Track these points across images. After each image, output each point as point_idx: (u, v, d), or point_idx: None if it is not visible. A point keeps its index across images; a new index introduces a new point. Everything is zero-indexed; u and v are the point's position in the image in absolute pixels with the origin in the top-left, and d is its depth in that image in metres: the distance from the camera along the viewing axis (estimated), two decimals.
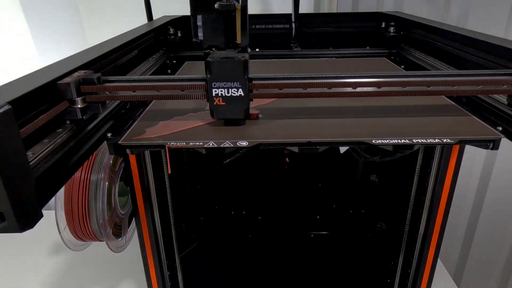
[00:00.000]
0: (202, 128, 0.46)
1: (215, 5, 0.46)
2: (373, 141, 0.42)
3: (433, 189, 0.58)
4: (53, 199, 0.42)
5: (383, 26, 0.92)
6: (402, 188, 0.65)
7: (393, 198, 0.74)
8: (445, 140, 0.42)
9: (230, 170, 0.89)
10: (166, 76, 0.46)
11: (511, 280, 1.45)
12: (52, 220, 0.55)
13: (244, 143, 0.42)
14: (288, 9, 0.92)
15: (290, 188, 0.91)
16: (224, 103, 0.44)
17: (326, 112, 0.51)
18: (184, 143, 0.42)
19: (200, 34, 0.48)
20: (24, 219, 0.29)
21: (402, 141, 0.42)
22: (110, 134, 0.44)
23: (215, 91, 0.43)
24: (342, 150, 0.79)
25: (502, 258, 1.43)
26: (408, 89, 0.45)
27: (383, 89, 0.45)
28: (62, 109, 0.39)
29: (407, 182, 0.63)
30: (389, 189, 0.77)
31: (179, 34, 0.91)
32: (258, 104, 0.52)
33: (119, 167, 0.59)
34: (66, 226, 0.57)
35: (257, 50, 0.91)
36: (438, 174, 0.56)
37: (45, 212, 0.32)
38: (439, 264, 0.74)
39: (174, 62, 0.83)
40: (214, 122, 0.47)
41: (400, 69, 0.75)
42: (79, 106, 0.40)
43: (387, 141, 0.42)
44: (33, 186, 0.30)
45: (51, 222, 0.55)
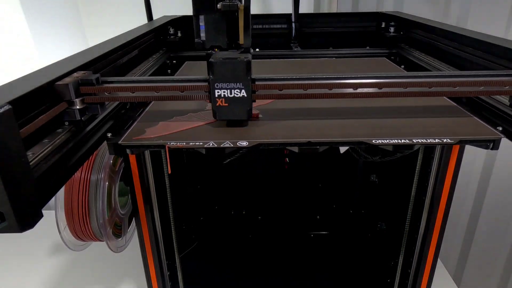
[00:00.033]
0: (202, 128, 0.46)
1: (218, 5, 0.45)
2: (373, 141, 0.42)
3: (433, 189, 0.58)
4: (53, 199, 0.42)
5: (383, 26, 0.92)
6: (402, 188, 0.65)
7: (393, 198, 0.74)
8: (445, 140, 0.42)
9: (230, 170, 0.89)
10: (167, 77, 0.46)
11: (511, 280, 1.45)
12: (52, 220, 0.55)
13: (244, 143, 0.42)
14: (288, 9, 0.92)
15: (290, 188, 0.91)
16: (226, 104, 0.43)
17: (326, 112, 0.51)
18: (184, 143, 0.42)
19: (202, 35, 0.47)
20: (24, 219, 0.29)
21: (402, 141, 0.42)
22: (110, 134, 0.44)
23: (218, 92, 0.43)
24: (342, 150, 0.79)
25: (502, 258, 1.43)
26: (409, 90, 0.44)
27: (384, 90, 0.44)
28: (61, 110, 0.38)
29: (407, 182, 0.63)
30: (389, 189, 0.77)
31: (179, 34, 0.91)
32: (258, 104, 0.52)
33: (119, 167, 0.59)
34: (66, 226, 0.57)
35: (257, 50, 0.91)
36: (438, 174, 0.56)
37: (45, 212, 0.32)
38: (439, 264, 0.74)
39: (174, 62, 0.83)
40: (214, 122, 0.47)
41: (400, 69, 0.75)
42: (78, 107, 0.40)
43: (387, 141, 0.42)
44: (33, 186, 0.30)
45: (51, 222, 0.55)
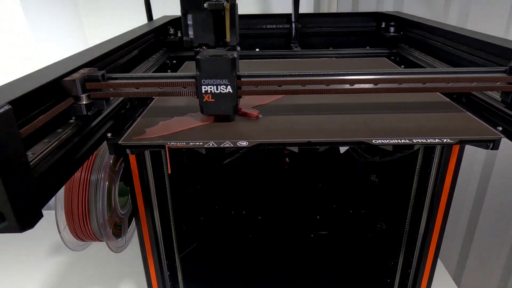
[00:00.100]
0: (202, 128, 0.46)
1: (205, 4, 0.47)
2: (373, 141, 0.42)
3: (433, 189, 0.58)
4: (53, 199, 0.42)
5: (383, 26, 0.92)
6: (402, 188, 0.65)
7: (393, 198, 0.74)
8: (445, 140, 0.42)
9: (230, 170, 0.89)
10: (164, 73, 0.47)
11: (511, 280, 1.45)
12: (52, 220, 0.55)
13: (244, 143, 0.42)
14: (288, 9, 0.92)
15: (290, 188, 0.91)
16: (213, 100, 0.44)
17: (326, 112, 0.51)
18: (184, 143, 0.42)
19: (190, 33, 0.49)
20: (24, 219, 0.29)
21: (402, 141, 0.42)
22: (110, 134, 0.44)
23: (205, 88, 0.44)
24: (342, 150, 0.79)
25: (502, 258, 1.43)
26: (404, 85, 0.45)
27: (380, 86, 0.45)
28: (68, 105, 0.40)
29: (407, 182, 0.63)
30: (389, 189, 0.77)
31: (179, 34, 0.91)
32: (258, 104, 0.52)
33: (119, 167, 0.59)
34: (66, 226, 0.57)
35: (257, 50, 0.91)
36: (438, 174, 0.56)
37: (45, 212, 0.32)
38: (439, 264, 0.74)
39: (174, 62, 0.83)
40: (214, 122, 0.47)
41: (399, 68, 0.74)
42: (84, 102, 0.41)
43: (387, 141, 0.42)
44: (33, 186, 0.30)
45: (51, 222, 0.55)
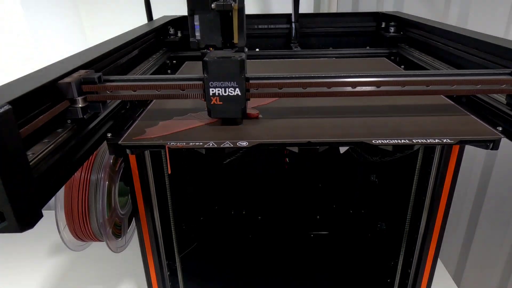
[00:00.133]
0: (202, 128, 0.46)
1: (212, 5, 0.46)
2: (373, 141, 0.42)
3: (433, 189, 0.58)
4: (53, 199, 0.42)
5: (383, 26, 0.92)
6: (402, 188, 0.65)
7: (393, 198, 0.74)
8: (445, 140, 0.42)
9: (230, 170, 0.89)
10: (165, 75, 0.46)
11: (511, 280, 1.45)
12: (52, 220, 0.55)
13: (244, 143, 0.42)
14: (288, 9, 0.92)
15: (290, 188, 0.91)
16: (221, 103, 0.44)
17: (326, 112, 0.51)
18: (184, 143, 0.42)
19: (197, 34, 0.48)
20: (24, 219, 0.29)
21: (402, 141, 0.42)
22: (110, 134, 0.44)
23: (212, 91, 0.43)
24: (342, 150, 0.79)
25: (502, 258, 1.43)
26: (407, 88, 0.44)
27: (383, 88, 0.45)
28: (63, 108, 0.39)
29: (407, 182, 0.63)
30: (389, 189, 0.77)
31: (179, 34, 0.91)
32: (258, 104, 0.52)
33: (119, 167, 0.59)
34: (66, 226, 0.57)
35: (257, 50, 0.91)
36: (438, 174, 0.56)
37: (45, 212, 0.32)
38: (439, 264, 0.74)
39: (174, 62, 0.83)
40: (214, 122, 0.47)
41: (400, 69, 0.74)
42: (80, 105, 0.40)
43: (387, 141, 0.42)
44: (33, 186, 0.30)
45: (51, 222, 0.55)
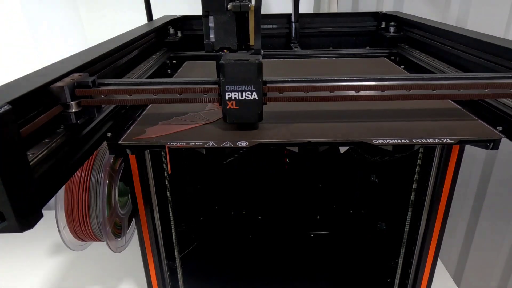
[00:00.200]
0: (202, 128, 0.46)
1: (228, 5, 0.44)
2: (373, 141, 0.42)
3: (433, 189, 0.58)
4: (53, 199, 0.42)
5: (383, 26, 0.92)
6: (402, 188, 0.65)
7: (393, 198, 0.74)
8: (445, 140, 0.42)
9: (230, 170, 0.89)
10: (173, 79, 0.44)
11: (511, 280, 1.45)
12: (52, 220, 0.55)
13: (244, 143, 0.42)
14: (288, 9, 0.92)
15: (290, 188, 0.91)
16: (237, 107, 0.42)
17: (328, 114, 0.50)
18: (184, 143, 0.42)
19: (212, 36, 0.46)
20: (24, 219, 0.29)
21: (402, 141, 0.42)
22: (110, 134, 0.44)
23: (228, 95, 0.41)
24: (342, 150, 0.79)
25: (502, 258, 1.43)
26: (412, 92, 0.43)
27: (387, 92, 0.43)
28: (56, 113, 0.37)
29: (407, 182, 0.63)
30: (389, 189, 0.77)
31: (179, 34, 0.91)
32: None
33: (120, 166, 0.59)
34: (66, 225, 0.57)
35: None
36: (438, 174, 0.56)
37: (45, 212, 0.32)
38: (439, 264, 0.74)
39: (174, 62, 0.83)
40: (214, 122, 0.47)
41: (400, 69, 0.74)
42: (74, 110, 0.39)
43: (387, 141, 0.41)
44: (33, 186, 0.30)
45: (51, 222, 0.55)
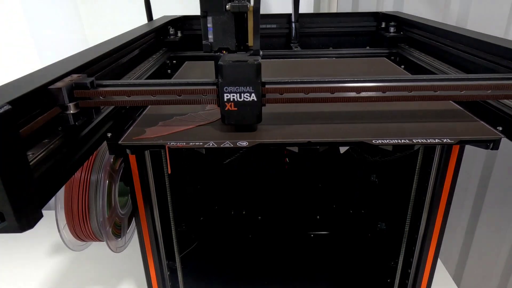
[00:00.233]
0: (202, 128, 0.46)
1: (227, 6, 0.44)
2: (373, 141, 0.42)
3: (433, 189, 0.58)
4: (53, 199, 0.42)
5: (383, 26, 0.92)
6: (402, 188, 0.65)
7: (393, 198, 0.74)
8: (445, 140, 0.42)
9: (230, 170, 0.89)
10: (172, 80, 0.44)
11: (511, 280, 1.45)
12: (52, 220, 0.55)
13: (244, 143, 0.42)
14: (288, 9, 0.92)
15: (290, 188, 0.91)
16: (236, 108, 0.42)
17: (328, 115, 0.50)
18: (184, 143, 0.42)
19: (210, 36, 0.46)
20: (24, 219, 0.29)
21: (402, 141, 0.42)
22: (110, 134, 0.44)
23: (227, 96, 0.41)
24: (342, 150, 0.79)
25: (502, 258, 1.43)
26: (414, 93, 0.43)
27: (388, 94, 0.43)
28: (53, 115, 0.37)
29: (407, 182, 0.63)
30: (389, 189, 0.77)
31: (179, 34, 0.91)
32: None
33: (120, 166, 0.59)
34: (66, 226, 0.57)
35: None
36: (438, 174, 0.56)
37: (45, 212, 0.32)
38: (439, 264, 0.74)
39: (174, 62, 0.83)
40: (214, 122, 0.47)
41: (400, 69, 0.74)
42: (72, 111, 0.38)
43: (387, 141, 0.41)
44: (33, 186, 0.30)
45: (51, 222, 0.55)
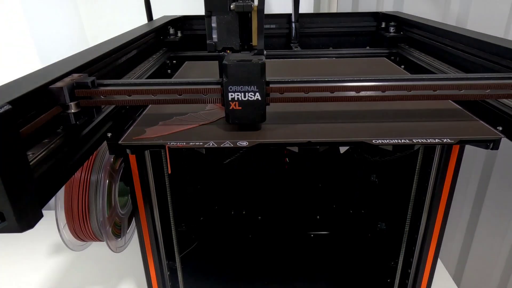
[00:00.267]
0: (202, 128, 0.46)
1: (231, 5, 0.44)
2: (373, 141, 0.42)
3: (433, 189, 0.58)
4: (53, 199, 0.42)
5: (383, 26, 0.92)
6: (402, 188, 0.65)
7: (393, 198, 0.74)
8: (445, 140, 0.42)
9: (230, 170, 0.89)
10: (175, 79, 0.43)
11: (511, 280, 1.45)
12: (52, 220, 0.55)
13: (244, 143, 0.42)
14: (288, 9, 0.92)
15: (290, 188, 0.91)
16: (240, 108, 0.42)
17: (328, 114, 0.50)
18: (184, 143, 0.42)
19: (214, 36, 0.46)
20: (24, 219, 0.29)
21: (402, 141, 0.42)
22: (110, 134, 0.44)
23: (231, 95, 0.41)
24: (342, 150, 0.79)
25: (502, 258, 1.43)
26: (413, 93, 0.43)
27: (388, 93, 0.43)
28: (54, 114, 0.37)
29: (407, 182, 0.63)
30: (389, 189, 0.77)
31: (179, 34, 0.91)
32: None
33: (120, 166, 0.59)
34: (66, 225, 0.57)
35: None
36: (438, 174, 0.56)
37: (45, 212, 0.32)
38: (439, 264, 0.74)
39: (174, 62, 0.83)
40: (214, 122, 0.47)
41: (400, 69, 0.74)
42: (73, 111, 0.39)
43: (387, 141, 0.41)
44: (33, 186, 0.30)
45: (51, 222, 0.55)
